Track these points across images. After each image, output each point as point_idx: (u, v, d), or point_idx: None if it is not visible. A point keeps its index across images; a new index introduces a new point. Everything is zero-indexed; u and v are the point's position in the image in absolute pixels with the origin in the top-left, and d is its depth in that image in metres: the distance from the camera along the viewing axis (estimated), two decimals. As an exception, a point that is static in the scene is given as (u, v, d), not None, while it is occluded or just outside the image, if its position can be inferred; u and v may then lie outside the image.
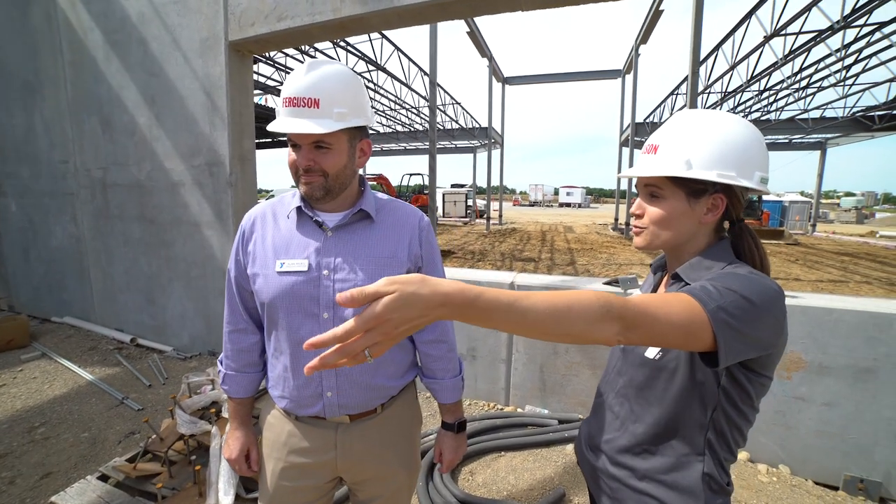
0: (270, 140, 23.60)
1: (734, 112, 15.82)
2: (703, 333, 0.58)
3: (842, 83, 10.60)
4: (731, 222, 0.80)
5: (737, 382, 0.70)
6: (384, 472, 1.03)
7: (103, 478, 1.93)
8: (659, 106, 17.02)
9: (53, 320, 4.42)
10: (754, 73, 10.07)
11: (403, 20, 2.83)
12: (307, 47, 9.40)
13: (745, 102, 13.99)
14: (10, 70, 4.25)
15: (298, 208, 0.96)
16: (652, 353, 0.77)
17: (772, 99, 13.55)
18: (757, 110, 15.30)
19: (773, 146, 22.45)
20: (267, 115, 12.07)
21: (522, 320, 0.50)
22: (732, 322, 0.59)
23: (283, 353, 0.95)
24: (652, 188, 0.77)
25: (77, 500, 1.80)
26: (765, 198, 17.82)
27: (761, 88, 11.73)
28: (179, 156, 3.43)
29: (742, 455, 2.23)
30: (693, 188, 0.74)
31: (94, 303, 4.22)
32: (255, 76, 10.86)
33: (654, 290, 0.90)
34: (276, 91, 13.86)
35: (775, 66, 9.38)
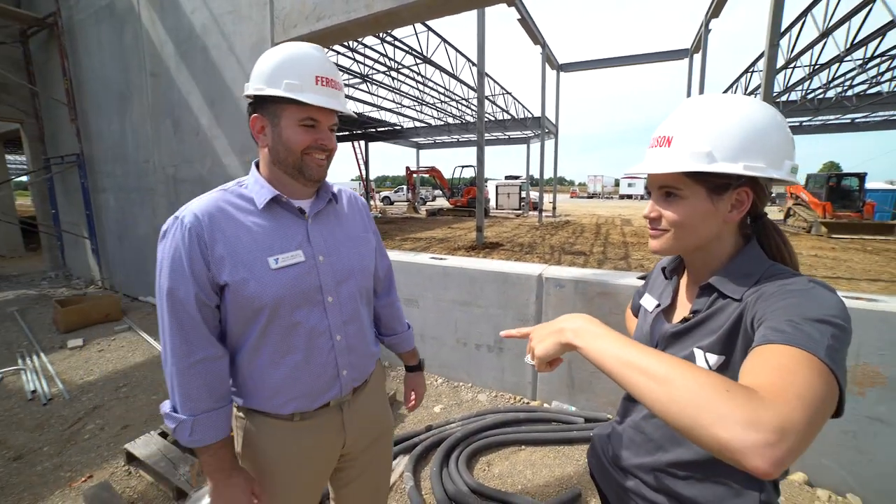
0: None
1: (829, 87, 13.67)
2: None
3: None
4: (754, 217, 0.71)
5: None
6: (379, 431, 1.10)
7: (163, 434, 2.23)
8: (731, 86, 15.19)
9: (140, 299, 5.13)
10: (856, 39, 8.59)
11: (433, 11, 2.82)
12: (354, 43, 9.72)
13: (843, 75, 12.00)
14: (110, 84, 4.95)
15: (276, 198, 0.90)
16: (701, 362, 0.66)
17: (884, 67, 11.46)
18: (862, 83, 13.07)
19: (885, 123, 19.13)
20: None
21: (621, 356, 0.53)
22: (840, 360, 0.50)
23: (293, 351, 0.90)
24: (668, 188, 0.69)
25: (143, 450, 2.11)
26: (872, 186, 15.23)
27: (867, 56, 9.98)
28: (234, 152, 3.77)
29: (797, 476, 1.97)
30: (715, 184, 0.66)
31: (171, 285, 4.81)
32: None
33: (673, 300, 0.81)
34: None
35: (890, 26, 7.90)
